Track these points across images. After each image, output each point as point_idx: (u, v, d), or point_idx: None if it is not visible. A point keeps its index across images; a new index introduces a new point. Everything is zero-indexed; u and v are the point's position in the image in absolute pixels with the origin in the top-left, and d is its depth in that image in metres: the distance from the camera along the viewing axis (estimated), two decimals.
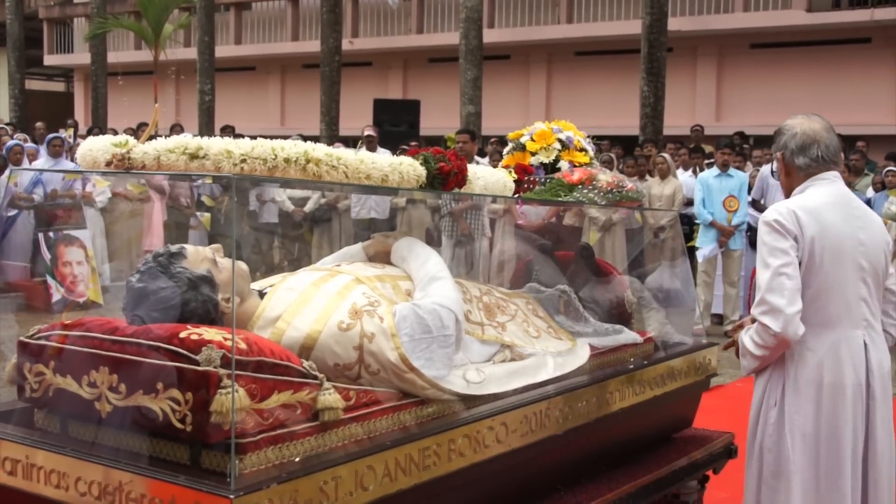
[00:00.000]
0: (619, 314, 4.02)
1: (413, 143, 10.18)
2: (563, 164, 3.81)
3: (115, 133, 13.70)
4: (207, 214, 10.31)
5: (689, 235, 9.80)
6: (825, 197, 3.15)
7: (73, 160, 10.55)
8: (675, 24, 17.22)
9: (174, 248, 2.64)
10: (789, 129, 3.21)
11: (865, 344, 3.10)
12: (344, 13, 21.15)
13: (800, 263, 3.04)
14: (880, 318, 3.21)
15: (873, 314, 3.15)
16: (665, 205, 9.96)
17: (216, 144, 2.46)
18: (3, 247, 8.64)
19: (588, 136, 4.10)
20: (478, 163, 7.87)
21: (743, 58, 19.66)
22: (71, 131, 15.20)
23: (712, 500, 4.39)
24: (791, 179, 3.23)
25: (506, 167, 3.81)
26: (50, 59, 29.61)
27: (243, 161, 2.43)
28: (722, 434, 4.18)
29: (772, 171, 9.06)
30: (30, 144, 12.17)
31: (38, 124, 15.09)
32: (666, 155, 10.77)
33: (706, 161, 11.24)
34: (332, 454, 2.40)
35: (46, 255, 8.95)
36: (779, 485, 3.15)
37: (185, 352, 2.26)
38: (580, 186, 3.65)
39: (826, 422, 3.07)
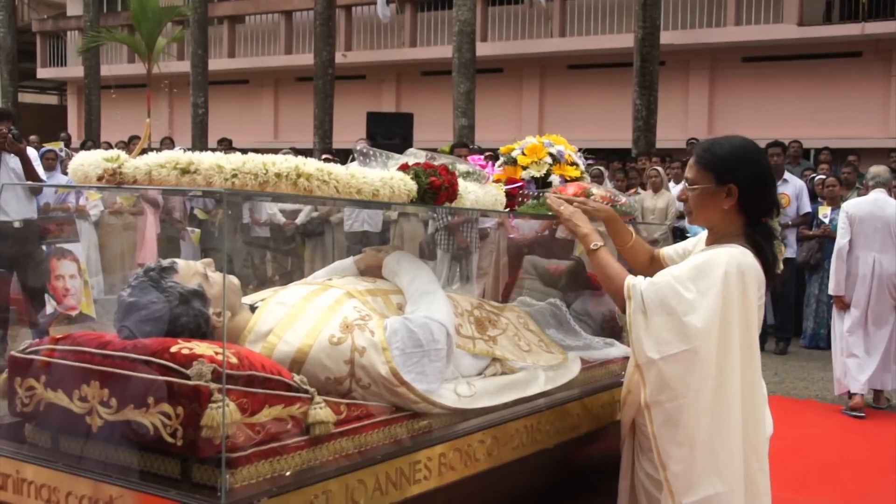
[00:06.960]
0: (611, 327, 4.03)
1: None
2: (555, 179, 3.82)
3: (109, 146, 13.71)
4: (198, 231, 10.28)
5: None
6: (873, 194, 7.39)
7: (65, 173, 10.52)
8: (667, 37, 17.30)
9: (165, 262, 2.64)
10: None
11: (874, 260, 7.22)
12: (337, 27, 21.21)
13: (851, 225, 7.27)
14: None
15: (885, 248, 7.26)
16: (658, 218, 9.99)
17: (207, 159, 2.46)
18: None
19: (579, 150, 4.11)
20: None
21: (735, 71, 19.75)
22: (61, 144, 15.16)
23: None
24: None
25: (497, 181, 3.81)
26: (43, 73, 29.63)
27: (234, 176, 2.43)
28: None
29: None
30: None
31: (32, 137, 15.08)
32: (659, 168, 10.81)
33: None
34: (323, 468, 2.40)
35: None
36: None
37: (175, 366, 2.26)
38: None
39: None
